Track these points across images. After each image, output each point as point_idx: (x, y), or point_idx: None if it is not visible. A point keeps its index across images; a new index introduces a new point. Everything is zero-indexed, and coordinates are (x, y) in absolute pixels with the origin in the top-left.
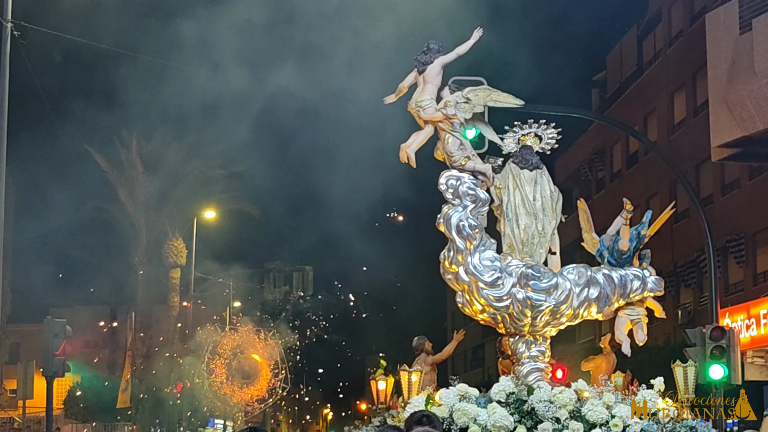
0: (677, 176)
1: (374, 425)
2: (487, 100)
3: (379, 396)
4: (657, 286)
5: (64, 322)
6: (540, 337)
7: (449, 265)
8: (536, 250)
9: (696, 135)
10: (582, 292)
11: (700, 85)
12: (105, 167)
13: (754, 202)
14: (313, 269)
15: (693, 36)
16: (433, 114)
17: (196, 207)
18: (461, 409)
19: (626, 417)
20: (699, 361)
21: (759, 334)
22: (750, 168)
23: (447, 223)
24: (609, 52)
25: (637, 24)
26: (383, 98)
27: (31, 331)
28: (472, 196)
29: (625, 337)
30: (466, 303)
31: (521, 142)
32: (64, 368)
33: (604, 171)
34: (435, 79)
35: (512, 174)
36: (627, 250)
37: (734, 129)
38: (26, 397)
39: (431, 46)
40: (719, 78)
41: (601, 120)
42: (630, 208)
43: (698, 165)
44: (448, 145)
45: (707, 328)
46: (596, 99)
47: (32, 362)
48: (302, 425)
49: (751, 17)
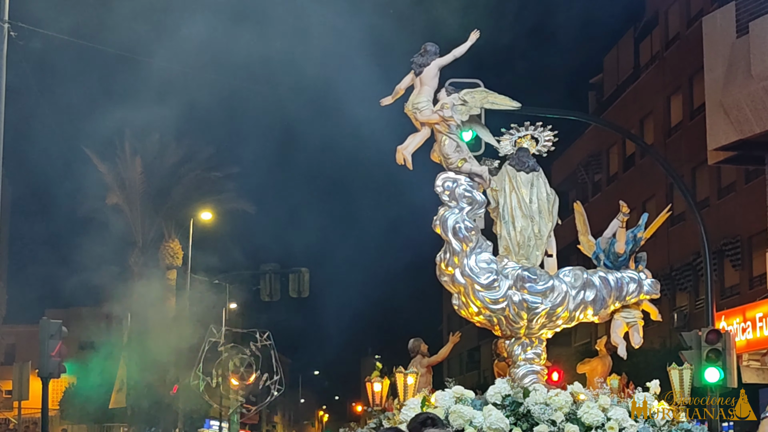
0: (673, 179)
1: (369, 427)
2: (483, 102)
3: (374, 398)
4: (653, 288)
5: (60, 323)
6: (536, 340)
7: (445, 267)
8: (532, 252)
9: (692, 138)
10: (578, 295)
11: (697, 88)
12: (101, 168)
13: (750, 206)
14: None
15: (690, 39)
16: (429, 116)
17: (192, 208)
18: (457, 411)
19: (622, 420)
20: (695, 364)
21: (755, 338)
22: (746, 171)
23: (443, 225)
24: (606, 55)
25: (633, 27)
26: (380, 100)
27: (26, 332)
28: (468, 198)
29: (620, 339)
30: (462, 305)
31: (518, 145)
32: (60, 369)
33: (601, 174)
34: (432, 81)
35: (509, 176)
36: (623, 252)
37: (731, 132)
38: (21, 398)
39: (428, 48)
40: (716, 81)
41: (597, 123)
42: (626, 211)
43: (695, 168)
44: (445, 147)
45: (703, 331)
46: (593, 102)
47: (28, 363)
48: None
49: (747, 20)
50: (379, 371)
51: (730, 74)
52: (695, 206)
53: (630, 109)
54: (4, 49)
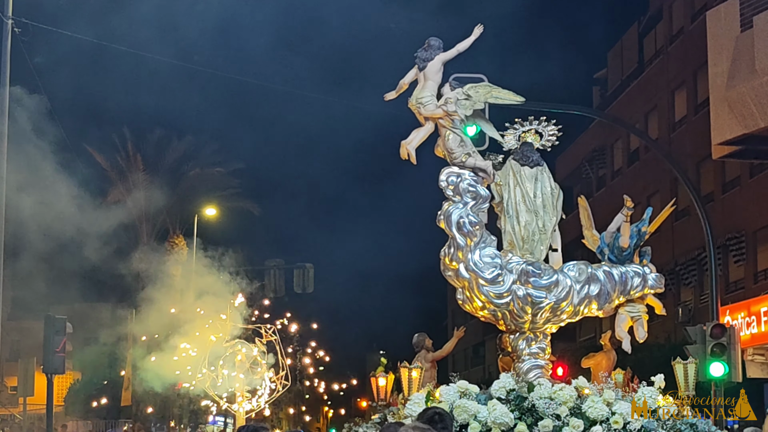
0: (678, 174)
1: (374, 422)
2: (487, 96)
3: (379, 393)
4: (657, 283)
5: (65, 319)
6: (540, 334)
7: (449, 262)
8: (537, 247)
9: (697, 132)
10: (582, 289)
11: (701, 82)
12: (105, 165)
13: (755, 200)
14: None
15: (694, 34)
16: (433, 111)
17: (196, 204)
18: (461, 405)
19: (626, 414)
20: (699, 359)
21: (759, 332)
22: (751, 165)
23: (447, 219)
24: (610, 49)
25: (638, 21)
26: (384, 95)
27: (31, 328)
28: (472, 193)
29: (625, 334)
30: (466, 300)
31: (522, 139)
32: (65, 365)
33: (605, 168)
34: (435, 76)
35: (513, 171)
36: (627, 247)
37: (735, 126)
38: (27, 394)
39: (432, 43)
40: (720, 75)
41: (602, 117)
42: (631, 205)
43: (699, 162)
44: (449, 142)
45: (708, 326)
46: (597, 96)
47: (32, 359)
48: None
49: (752, 15)
50: (383, 366)
51: (734, 69)
52: (700, 201)
53: (634, 104)
54: (8, 44)
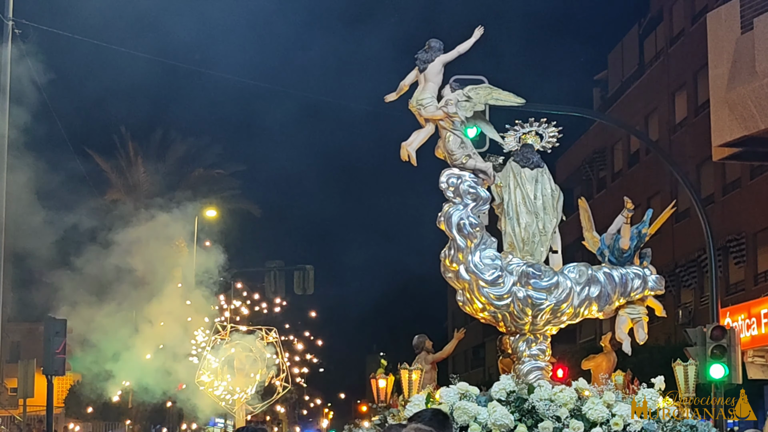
0: (678, 176)
1: (374, 423)
2: (488, 98)
3: (379, 394)
4: (658, 284)
5: (65, 321)
6: (540, 336)
7: (450, 264)
8: (537, 248)
9: (697, 134)
10: (583, 291)
11: (702, 84)
12: (104, 167)
13: (755, 202)
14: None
15: (694, 35)
16: (434, 112)
17: (197, 205)
18: (462, 407)
19: (627, 416)
20: (699, 361)
21: (759, 334)
22: (751, 167)
23: (448, 221)
24: (610, 51)
25: (638, 23)
26: (384, 96)
27: (31, 330)
28: (472, 195)
29: (625, 335)
30: (466, 301)
31: (522, 141)
32: (65, 367)
33: (605, 170)
34: (436, 78)
35: (513, 172)
36: (628, 248)
37: (735, 128)
38: (27, 395)
39: (432, 44)
40: (720, 77)
41: (602, 119)
42: (631, 207)
43: (699, 164)
44: (449, 144)
45: (708, 328)
46: (597, 98)
47: (33, 361)
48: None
49: (752, 16)
50: (383, 368)
51: (734, 70)
52: (700, 203)
53: (635, 106)
54: (9, 46)
